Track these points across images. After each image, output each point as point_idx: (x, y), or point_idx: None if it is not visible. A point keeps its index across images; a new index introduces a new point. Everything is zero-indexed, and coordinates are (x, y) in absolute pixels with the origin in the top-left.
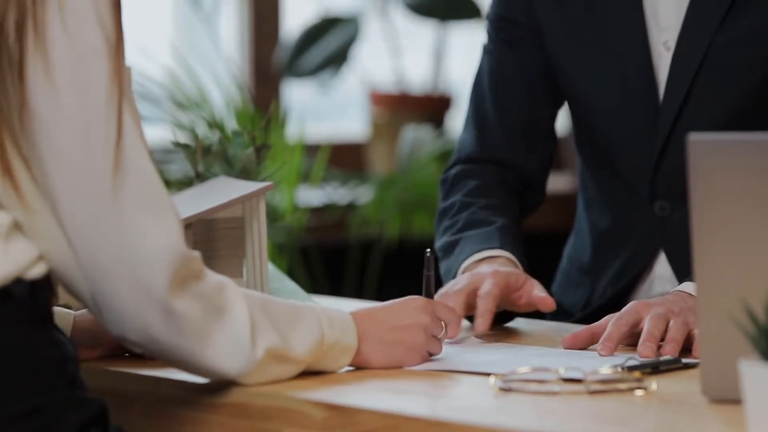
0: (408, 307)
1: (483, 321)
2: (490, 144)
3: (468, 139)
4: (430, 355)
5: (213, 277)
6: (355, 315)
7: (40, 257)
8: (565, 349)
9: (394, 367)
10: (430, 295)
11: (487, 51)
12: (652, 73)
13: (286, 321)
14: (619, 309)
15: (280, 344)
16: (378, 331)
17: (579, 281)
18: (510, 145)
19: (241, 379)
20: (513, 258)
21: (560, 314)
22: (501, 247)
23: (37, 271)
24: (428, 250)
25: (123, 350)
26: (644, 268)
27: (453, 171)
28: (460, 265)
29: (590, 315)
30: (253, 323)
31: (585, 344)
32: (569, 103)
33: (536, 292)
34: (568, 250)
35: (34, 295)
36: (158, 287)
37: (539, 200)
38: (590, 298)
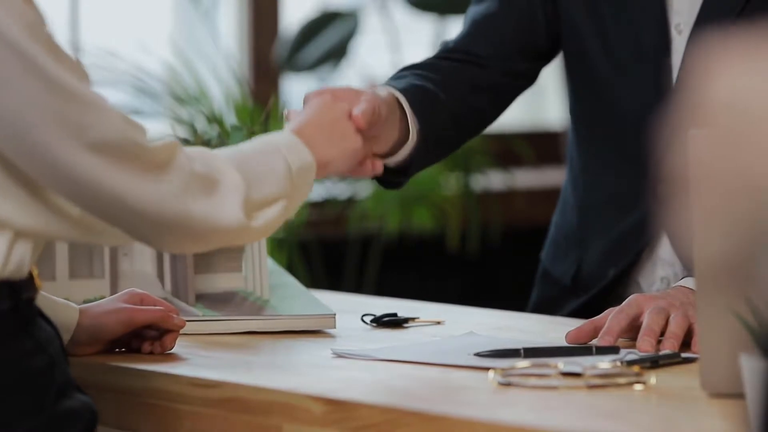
0: (325, 105)
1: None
2: (467, 42)
3: (448, 41)
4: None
5: (193, 153)
6: (295, 131)
7: (13, 242)
8: (568, 343)
9: (351, 161)
10: None
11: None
12: (666, 55)
13: (261, 169)
14: (620, 290)
15: (264, 194)
16: (320, 134)
17: (567, 251)
18: (487, 48)
19: (243, 226)
20: (393, 91)
21: (550, 283)
22: (390, 86)
23: (16, 262)
24: None
25: (121, 346)
26: (645, 248)
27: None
28: None
29: (592, 298)
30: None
31: (588, 338)
32: (576, 74)
33: (354, 110)
34: (554, 218)
35: (17, 301)
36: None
37: (502, 106)
38: (579, 269)
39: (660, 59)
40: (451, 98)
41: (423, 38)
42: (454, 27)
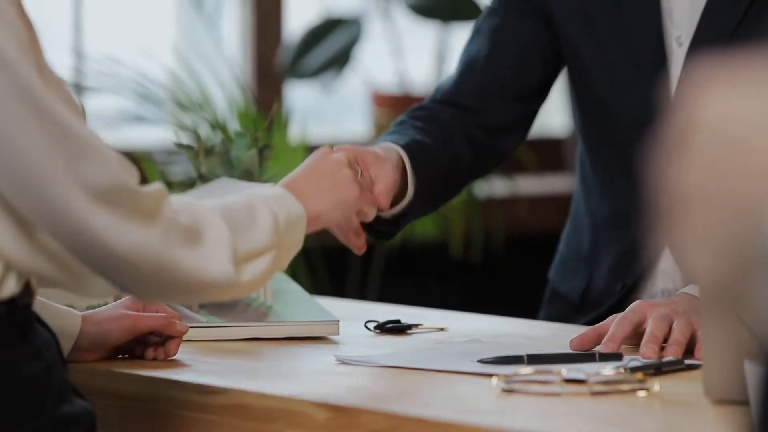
0: (319, 157)
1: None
2: (463, 90)
3: (445, 84)
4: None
5: (179, 204)
6: (285, 184)
7: (5, 271)
8: (572, 350)
9: (345, 211)
10: None
11: (491, 12)
12: (664, 68)
13: (247, 221)
14: (624, 304)
15: (251, 246)
16: (312, 185)
17: (576, 268)
18: (482, 96)
19: (232, 280)
20: (400, 151)
21: (556, 300)
22: (392, 141)
23: (10, 288)
24: None
25: (124, 352)
26: (650, 262)
27: (417, 106)
28: None
29: (599, 315)
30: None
31: (592, 345)
32: (579, 89)
33: (375, 187)
34: (565, 235)
35: (12, 307)
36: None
37: (499, 157)
38: (589, 287)
39: (658, 72)
40: (448, 152)
41: (426, 45)
42: (457, 33)
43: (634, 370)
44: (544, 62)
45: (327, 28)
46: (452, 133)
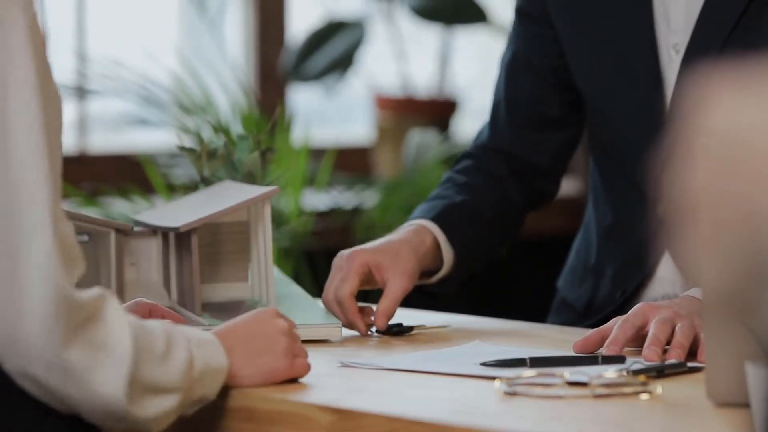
0: (262, 316)
1: (359, 325)
2: (499, 134)
3: (483, 130)
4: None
5: (99, 314)
6: (218, 333)
7: None
8: (576, 353)
9: (265, 380)
10: None
11: (508, 43)
12: (659, 76)
13: (161, 353)
14: (626, 312)
15: (154, 378)
16: (243, 343)
17: (584, 277)
18: (517, 135)
19: (122, 405)
20: (431, 226)
21: (563, 308)
22: (424, 217)
23: None
24: None
25: None
26: (649, 269)
27: (463, 154)
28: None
29: (600, 321)
30: (135, 357)
31: (595, 347)
32: (584, 100)
33: (380, 304)
34: (576, 245)
35: None
36: (50, 348)
37: (552, 189)
38: (593, 295)
39: (654, 81)
40: (497, 200)
41: (429, 47)
42: (460, 36)
43: (636, 372)
44: (560, 85)
45: (330, 31)
46: (499, 178)
